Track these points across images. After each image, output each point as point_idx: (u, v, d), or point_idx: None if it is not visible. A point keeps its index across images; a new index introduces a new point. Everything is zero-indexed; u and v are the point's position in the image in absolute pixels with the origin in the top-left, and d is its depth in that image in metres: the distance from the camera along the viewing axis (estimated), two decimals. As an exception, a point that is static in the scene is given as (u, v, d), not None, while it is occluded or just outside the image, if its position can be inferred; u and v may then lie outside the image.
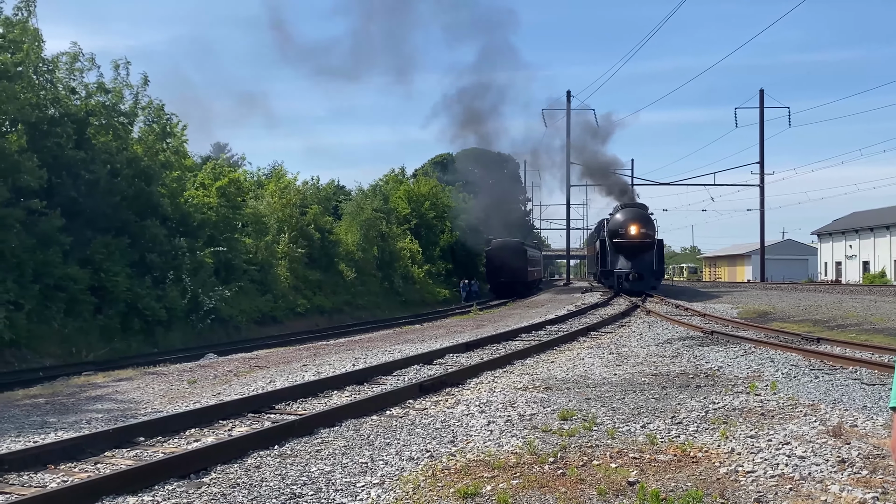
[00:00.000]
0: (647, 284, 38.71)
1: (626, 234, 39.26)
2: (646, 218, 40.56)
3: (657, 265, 39.87)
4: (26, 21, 23.03)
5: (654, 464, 6.54)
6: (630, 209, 41.39)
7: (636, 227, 39.27)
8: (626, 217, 40.17)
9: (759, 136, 62.95)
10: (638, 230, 39.21)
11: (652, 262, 39.30)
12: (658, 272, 40.35)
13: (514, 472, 6.32)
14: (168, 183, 27.98)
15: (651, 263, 39.23)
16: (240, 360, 15.67)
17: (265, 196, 37.53)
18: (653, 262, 39.33)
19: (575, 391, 10.22)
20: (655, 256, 39.54)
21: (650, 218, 40.94)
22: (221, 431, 8.24)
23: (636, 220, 39.86)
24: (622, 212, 41.18)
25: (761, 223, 63.67)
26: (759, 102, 63.23)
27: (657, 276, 40.34)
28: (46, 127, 23.49)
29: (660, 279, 41.67)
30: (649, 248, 39.41)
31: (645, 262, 39.06)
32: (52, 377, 16.08)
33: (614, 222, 40.85)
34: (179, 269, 25.99)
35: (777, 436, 7.35)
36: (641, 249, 39.21)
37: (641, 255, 39.12)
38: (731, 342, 15.87)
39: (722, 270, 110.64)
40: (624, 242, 39.39)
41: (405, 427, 8.15)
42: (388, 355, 14.71)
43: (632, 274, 38.30)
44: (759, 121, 62.89)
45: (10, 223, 20.55)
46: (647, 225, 40.00)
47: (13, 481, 6.42)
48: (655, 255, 39.54)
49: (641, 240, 39.22)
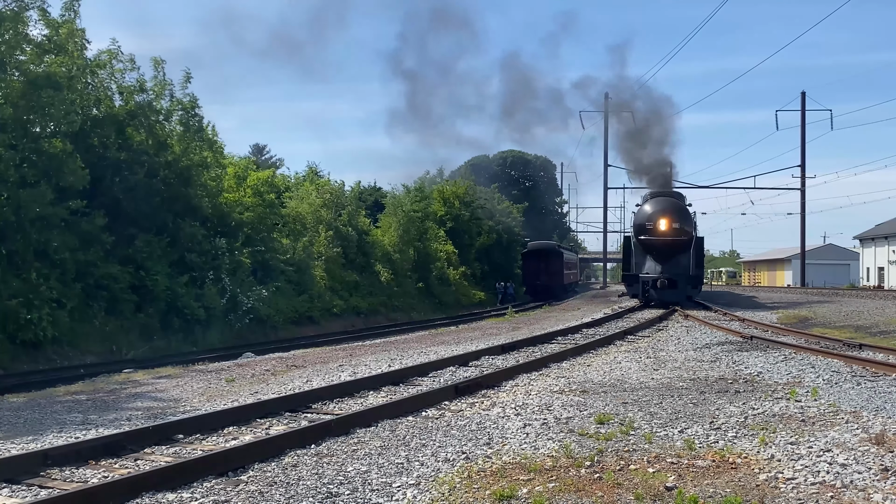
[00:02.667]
0: (681, 293, 30.32)
1: (654, 230, 30.67)
2: (680, 210, 31.60)
3: (694, 269, 31.02)
4: (72, 22, 23.41)
5: (693, 469, 6.47)
6: (661, 199, 32.16)
7: (667, 221, 30.50)
8: (655, 208, 31.18)
9: (801, 138, 62.06)
10: (669, 225, 30.47)
11: (688, 265, 30.68)
12: (695, 278, 31.33)
13: (551, 476, 6.29)
14: (206, 182, 28.31)
15: (687, 267, 30.63)
16: (277, 359, 15.80)
17: (302, 196, 37.86)
18: (689, 266, 30.69)
19: (612, 395, 10.15)
20: (693, 258, 30.92)
21: (686, 210, 32.00)
22: (259, 430, 8.30)
23: (668, 211, 30.91)
24: (651, 202, 32.06)
25: (802, 227, 62.75)
26: (800, 105, 62.32)
27: (694, 282, 31.40)
28: (89, 128, 23.90)
29: (698, 286, 32.54)
30: (685, 249, 30.78)
31: (679, 265, 30.62)
32: (94, 374, 16.35)
33: (641, 215, 31.95)
34: (218, 269, 26.29)
35: (818, 443, 7.23)
36: (674, 249, 30.74)
37: (675, 257, 30.71)
38: (771, 347, 15.66)
39: (761, 275, 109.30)
40: (652, 240, 30.77)
41: (441, 428, 8.16)
42: (423, 356, 14.73)
43: (661, 280, 29.86)
44: (801, 123, 61.98)
45: (54, 223, 20.93)
46: (682, 218, 31.06)
47: (56, 476, 6.53)
48: (693, 257, 30.92)
49: (674, 237, 30.51)
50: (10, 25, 20.94)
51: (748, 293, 50.91)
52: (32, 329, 19.12)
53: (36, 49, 22.16)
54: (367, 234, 41.49)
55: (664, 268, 30.54)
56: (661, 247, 30.78)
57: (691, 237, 30.83)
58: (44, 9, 22.50)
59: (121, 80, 25.88)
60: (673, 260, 30.71)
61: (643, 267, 31.03)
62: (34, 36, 22.39)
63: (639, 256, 31.27)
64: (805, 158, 61.82)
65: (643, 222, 31.26)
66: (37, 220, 20.41)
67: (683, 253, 30.75)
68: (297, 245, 33.57)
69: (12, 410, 9.88)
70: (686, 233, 30.72)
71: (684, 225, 30.84)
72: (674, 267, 30.56)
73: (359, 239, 39.68)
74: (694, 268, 30.90)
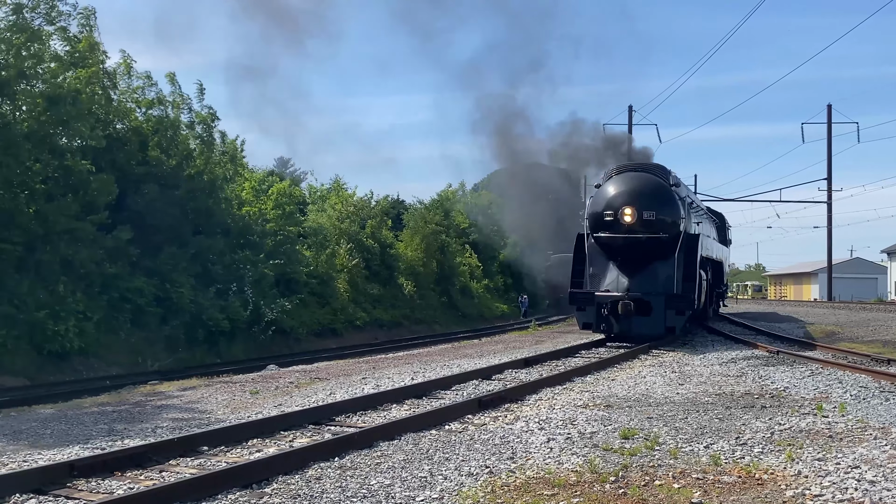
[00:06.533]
0: (657, 323, 18.84)
1: (617, 223, 19.28)
2: (657, 191, 19.75)
3: (682, 283, 19.31)
4: (90, 35, 23.73)
5: (718, 485, 6.41)
6: (629, 175, 20.29)
7: (634, 209, 19.05)
8: (619, 189, 19.66)
9: (827, 151, 61.53)
10: (638, 214, 19.03)
11: (671, 277, 19.23)
12: (682, 299, 19.11)
13: (575, 491, 6.26)
14: (228, 194, 28.62)
15: (669, 281, 19.22)
16: (300, 371, 15.84)
17: (325, 209, 38.09)
18: (672, 279, 19.21)
19: (636, 410, 10.08)
20: (680, 267, 19.37)
21: (669, 192, 19.91)
22: (283, 442, 8.32)
23: (637, 194, 19.41)
24: (614, 180, 20.21)
25: (829, 241, 62.19)
26: (826, 117, 61.86)
27: (680, 305, 19.01)
28: (113, 142, 24.25)
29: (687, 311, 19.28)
30: (665, 251, 19.30)
31: (656, 277, 19.42)
32: (119, 386, 16.50)
33: (598, 199, 20.05)
34: (241, 281, 26.46)
35: (846, 459, 7.14)
36: (647, 253, 19.40)
37: (649, 265, 19.49)
38: (798, 362, 15.50)
39: (787, 289, 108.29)
40: (614, 239, 19.49)
41: (464, 442, 8.14)
42: (446, 370, 14.72)
43: (623, 302, 18.77)
44: (827, 136, 61.49)
45: (80, 237, 21.20)
46: (661, 204, 19.53)
47: (82, 487, 6.57)
48: (680, 265, 19.38)
49: (647, 233, 19.09)
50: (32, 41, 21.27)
51: (773, 308, 50.48)
52: (59, 340, 19.35)
53: (57, 63, 22.50)
54: (390, 246, 41.61)
55: (633, 282, 19.42)
56: (625, 249, 19.58)
57: (677, 234, 19.47)
58: (64, 27, 22.88)
59: (140, 95, 26.37)
60: (647, 270, 19.53)
61: (602, 280, 19.88)
62: (55, 50, 22.80)
63: (597, 264, 20.03)
64: (831, 171, 61.29)
65: (600, 210, 19.71)
66: (64, 234, 20.68)
67: (664, 259, 19.36)
68: (319, 257, 33.73)
69: (39, 421, 9.97)
70: (667, 226, 19.37)
71: (664, 214, 19.44)
72: (647, 280, 19.41)
73: (382, 252, 39.80)
74: (681, 281, 19.32)
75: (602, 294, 19.38)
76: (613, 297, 19.07)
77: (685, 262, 19.64)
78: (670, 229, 19.46)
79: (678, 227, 19.63)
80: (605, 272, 19.94)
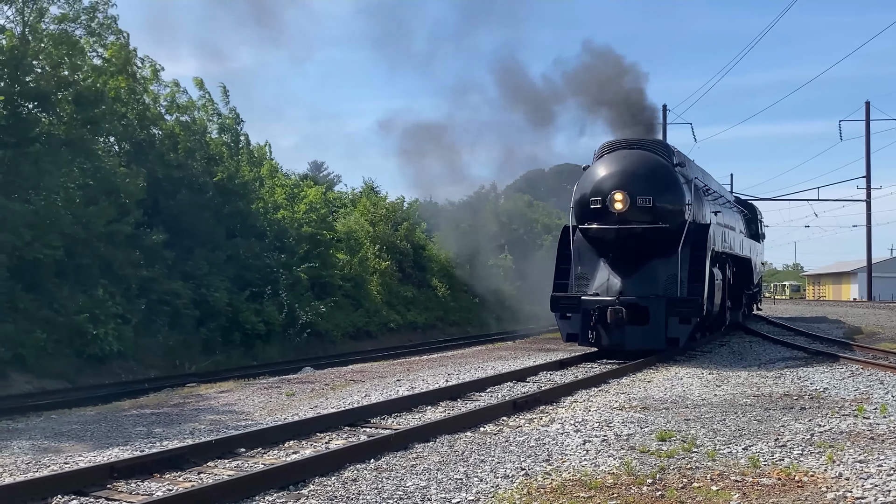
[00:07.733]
0: (656, 333, 15.75)
1: (606, 211, 16.25)
2: (657, 172, 16.54)
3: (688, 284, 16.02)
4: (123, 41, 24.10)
5: (757, 487, 6.34)
6: (622, 153, 16.93)
7: (626, 195, 15.96)
8: (611, 169, 16.51)
9: (865, 149, 60.67)
10: (629, 200, 15.97)
11: (674, 277, 16.10)
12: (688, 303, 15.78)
13: (612, 493, 6.22)
14: (265, 197, 28.95)
15: (671, 281, 16.13)
16: (335, 373, 15.92)
17: (357, 212, 38.28)
18: (676, 279, 16.06)
19: (673, 411, 10.00)
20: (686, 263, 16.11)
21: (672, 173, 16.71)
22: (319, 444, 8.37)
23: (630, 175, 16.27)
24: (605, 159, 16.95)
25: (868, 239, 61.30)
26: (864, 114, 60.99)
27: (686, 310, 15.77)
28: (146, 145, 24.65)
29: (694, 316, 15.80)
30: (667, 245, 16.19)
31: (655, 277, 16.42)
32: (158, 388, 16.66)
33: (585, 183, 16.95)
34: (276, 284, 26.66)
35: (888, 461, 7.03)
36: (644, 247, 16.43)
37: (647, 263, 16.52)
38: (838, 363, 15.28)
39: (826, 289, 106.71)
40: (604, 231, 16.50)
41: (499, 444, 8.12)
42: (480, 371, 14.70)
43: (613, 308, 15.64)
44: (865, 133, 60.62)
45: (117, 240, 21.50)
46: (661, 188, 16.35)
47: (122, 489, 6.66)
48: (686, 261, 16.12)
49: (643, 222, 16.08)
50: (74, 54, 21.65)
51: (812, 307, 49.81)
52: (98, 344, 19.59)
53: (95, 73, 22.90)
54: (423, 248, 41.67)
55: (627, 284, 16.34)
56: (617, 243, 16.61)
57: (681, 224, 16.26)
58: (100, 33, 23.28)
59: (169, 101, 26.86)
60: (644, 269, 16.56)
61: (591, 282, 16.88)
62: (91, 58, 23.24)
63: (586, 263, 17.08)
64: (870, 169, 60.41)
65: (586, 196, 16.71)
66: (103, 237, 20.99)
67: (665, 255, 16.29)
68: (353, 260, 33.87)
69: (80, 423, 10.13)
70: (669, 215, 16.25)
71: (664, 199, 16.29)
72: (644, 282, 16.37)
73: (415, 254, 39.86)
74: (686, 282, 16.07)
75: (589, 298, 16.27)
76: (603, 303, 15.97)
77: (692, 259, 16.27)
78: (672, 218, 16.21)
79: (682, 216, 16.38)
80: (595, 272, 16.93)
